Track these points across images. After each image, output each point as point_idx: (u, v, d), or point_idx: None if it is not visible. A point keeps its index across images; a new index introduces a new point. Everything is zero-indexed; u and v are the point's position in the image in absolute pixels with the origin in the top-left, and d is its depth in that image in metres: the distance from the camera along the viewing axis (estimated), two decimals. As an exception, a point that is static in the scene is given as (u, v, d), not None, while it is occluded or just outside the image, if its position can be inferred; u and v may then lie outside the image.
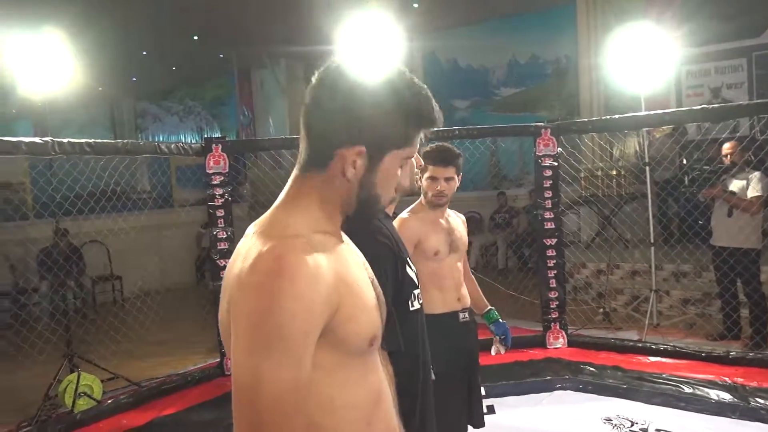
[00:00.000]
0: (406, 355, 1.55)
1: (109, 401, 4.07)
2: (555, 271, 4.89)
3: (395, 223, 2.34)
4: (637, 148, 6.98)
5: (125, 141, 4.81)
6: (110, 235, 7.81)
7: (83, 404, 3.98)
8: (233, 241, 4.65)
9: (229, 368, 4.71)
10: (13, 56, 4.04)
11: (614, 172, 7.16)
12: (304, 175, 0.99)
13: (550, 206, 4.85)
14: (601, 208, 7.06)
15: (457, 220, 2.57)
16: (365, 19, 4.92)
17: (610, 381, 4.01)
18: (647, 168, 5.21)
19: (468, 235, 2.61)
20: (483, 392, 3.68)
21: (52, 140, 3.85)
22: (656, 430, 3.34)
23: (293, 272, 0.84)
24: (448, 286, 2.41)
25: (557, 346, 4.84)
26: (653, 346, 4.51)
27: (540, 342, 4.89)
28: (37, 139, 3.85)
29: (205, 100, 12.59)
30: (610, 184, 7.04)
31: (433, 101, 1.01)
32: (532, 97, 8.70)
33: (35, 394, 4.00)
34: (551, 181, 4.83)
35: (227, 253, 4.58)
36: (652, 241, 5.17)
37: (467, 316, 2.47)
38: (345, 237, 1.05)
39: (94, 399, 4.03)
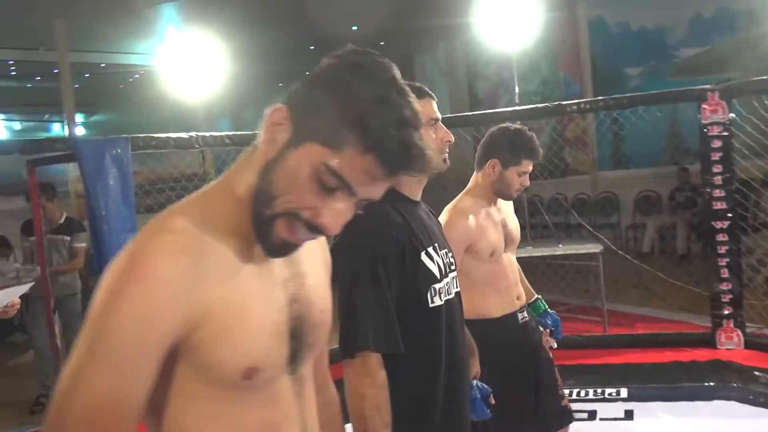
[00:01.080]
0: (422, 355, 1.38)
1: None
2: (727, 259, 4.15)
3: (441, 219, 2.11)
4: None
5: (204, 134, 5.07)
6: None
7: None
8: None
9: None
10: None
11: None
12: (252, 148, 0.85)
13: (720, 183, 4.12)
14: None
15: (507, 204, 2.26)
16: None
17: (793, 394, 3.31)
18: None
19: (644, 215, 2.29)
20: (591, 394, 3.28)
21: (195, 135, 4.22)
22: None
23: (142, 274, 0.73)
24: (506, 286, 2.15)
25: (730, 347, 4.12)
26: None
27: (708, 341, 4.21)
28: (183, 135, 4.23)
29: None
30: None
31: (411, 134, 0.76)
32: (719, 57, 7.49)
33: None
34: (721, 154, 4.09)
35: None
36: None
37: (526, 315, 2.21)
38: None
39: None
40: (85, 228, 4.29)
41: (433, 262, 1.43)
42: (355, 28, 9.38)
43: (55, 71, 7.95)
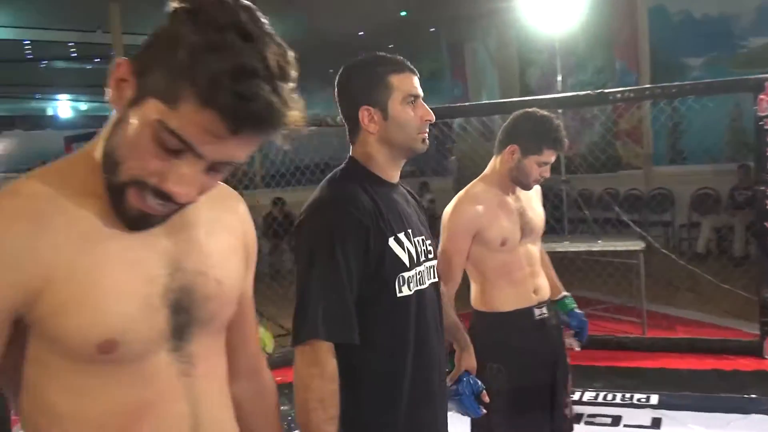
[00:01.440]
0: (387, 346, 1.30)
1: (277, 355, 4.39)
2: (780, 263, 3.86)
3: (448, 208, 1.99)
4: None
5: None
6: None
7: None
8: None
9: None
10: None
11: None
12: None
13: (775, 181, 3.82)
14: None
15: (530, 193, 2.10)
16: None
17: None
18: None
19: (700, 214, 2.11)
20: (619, 398, 3.14)
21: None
22: None
23: None
24: (521, 278, 2.00)
25: (778, 358, 3.84)
26: None
27: (755, 350, 3.93)
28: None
29: (424, 75, 12.77)
30: None
31: (255, 85, 0.66)
32: (791, 47, 6.97)
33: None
34: (778, 149, 3.79)
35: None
36: None
37: (545, 311, 2.03)
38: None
39: (266, 352, 4.42)
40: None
41: (403, 249, 1.32)
42: (403, 13, 9.25)
43: (113, 53, 8.21)
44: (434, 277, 1.44)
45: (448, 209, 2.01)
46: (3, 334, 0.72)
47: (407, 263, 1.32)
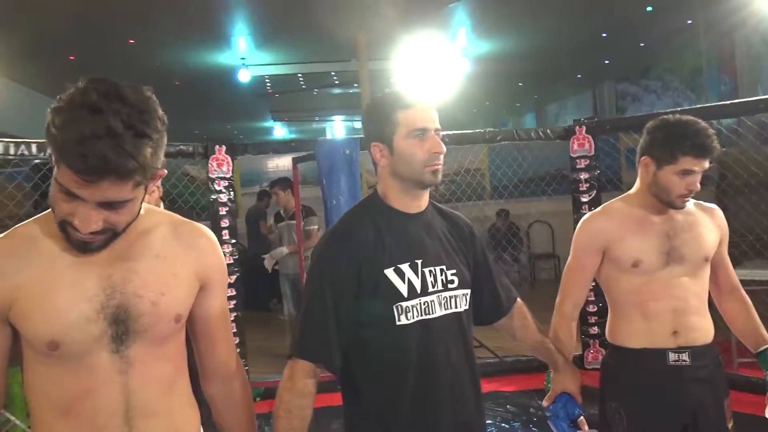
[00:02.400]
0: (385, 371, 1.40)
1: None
2: None
3: (580, 224, 1.87)
4: None
5: (486, 130, 5.07)
6: (555, 216, 8.27)
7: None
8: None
9: (588, 362, 4.49)
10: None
11: None
12: None
13: None
14: None
15: (698, 217, 1.82)
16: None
17: None
18: None
19: None
20: None
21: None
22: None
23: None
24: (658, 312, 1.75)
25: None
26: None
27: None
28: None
29: (682, 73, 11.43)
30: None
31: (94, 145, 0.91)
32: None
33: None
34: None
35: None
36: None
37: (687, 359, 1.73)
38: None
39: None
40: (316, 213, 5.05)
41: (403, 280, 1.38)
42: (649, 9, 8.46)
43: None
44: (456, 307, 1.45)
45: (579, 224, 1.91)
46: (2, 330, 1.08)
47: (405, 293, 1.38)
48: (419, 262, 1.41)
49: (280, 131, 17.06)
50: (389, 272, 1.38)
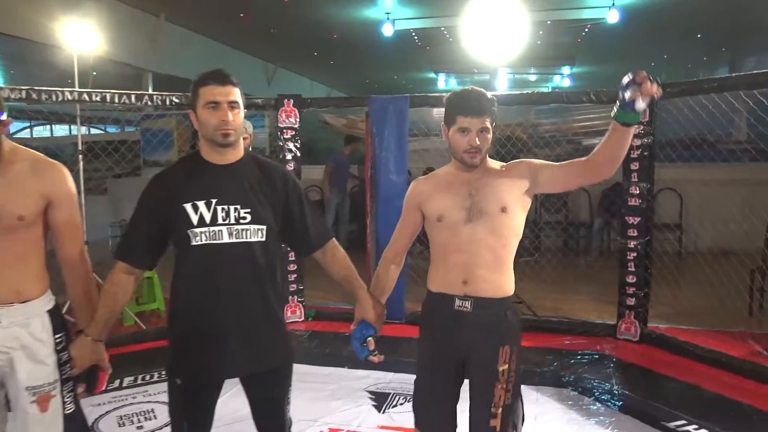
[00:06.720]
0: (186, 277, 1.89)
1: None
2: None
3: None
4: None
5: (533, 91, 4.90)
6: (689, 184, 7.59)
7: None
8: None
9: (622, 332, 4.40)
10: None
11: None
12: None
13: None
14: None
15: (501, 173, 2.00)
16: None
17: None
18: None
19: None
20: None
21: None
22: None
23: None
24: (455, 263, 1.97)
25: None
26: None
27: None
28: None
29: None
30: None
31: None
32: None
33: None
34: None
35: None
36: None
37: (468, 306, 1.95)
38: None
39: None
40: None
41: (196, 212, 1.82)
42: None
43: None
44: (247, 237, 1.85)
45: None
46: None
47: (195, 222, 1.82)
48: (214, 200, 1.84)
49: (443, 83, 17.33)
50: (187, 206, 1.83)
